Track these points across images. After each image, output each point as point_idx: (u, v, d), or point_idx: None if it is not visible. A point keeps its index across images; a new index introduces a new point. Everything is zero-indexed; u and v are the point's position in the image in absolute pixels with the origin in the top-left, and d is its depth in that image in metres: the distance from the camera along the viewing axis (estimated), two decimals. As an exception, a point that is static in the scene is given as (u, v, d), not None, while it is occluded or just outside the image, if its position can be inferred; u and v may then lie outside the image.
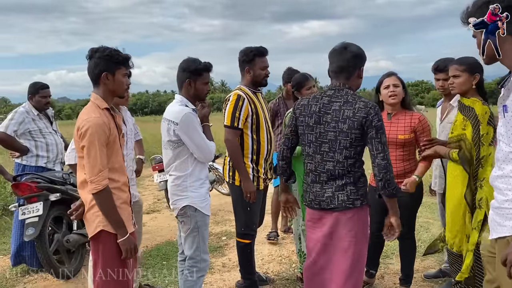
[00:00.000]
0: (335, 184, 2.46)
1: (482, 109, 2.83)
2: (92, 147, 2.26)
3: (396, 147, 3.23)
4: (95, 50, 2.38)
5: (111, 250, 2.38)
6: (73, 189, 4.17)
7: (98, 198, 2.30)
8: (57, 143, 4.41)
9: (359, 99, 2.42)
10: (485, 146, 2.79)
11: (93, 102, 2.40)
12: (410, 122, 3.22)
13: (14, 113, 4.24)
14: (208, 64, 2.92)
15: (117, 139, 2.42)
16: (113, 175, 2.38)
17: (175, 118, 2.81)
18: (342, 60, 2.48)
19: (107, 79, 2.38)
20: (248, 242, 3.46)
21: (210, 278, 3.96)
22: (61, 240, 4.10)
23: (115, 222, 2.35)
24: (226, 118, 3.32)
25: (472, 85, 2.93)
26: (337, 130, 2.40)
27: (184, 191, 2.86)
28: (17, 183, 3.97)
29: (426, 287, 3.66)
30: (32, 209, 3.91)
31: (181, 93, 2.94)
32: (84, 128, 2.28)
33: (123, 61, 2.41)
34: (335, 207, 2.46)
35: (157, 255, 4.66)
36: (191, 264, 2.93)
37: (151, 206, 7.20)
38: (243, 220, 3.40)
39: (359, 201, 2.46)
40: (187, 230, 2.91)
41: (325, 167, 2.47)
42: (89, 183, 2.29)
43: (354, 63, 2.48)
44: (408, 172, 3.23)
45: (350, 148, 2.41)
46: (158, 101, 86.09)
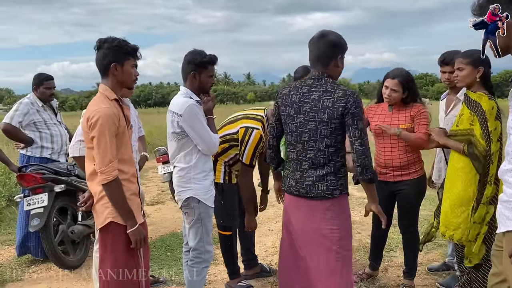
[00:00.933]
0: (316, 173, 2.47)
1: (489, 104, 2.81)
2: (102, 137, 2.25)
3: (398, 138, 3.23)
4: (103, 41, 2.36)
5: (120, 242, 2.37)
6: (77, 180, 4.19)
7: (108, 189, 2.29)
8: (62, 134, 4.42)
9: (338, 88, 2.41)
10: (494, 142, 2.77)
11: (102, 93, 2.38)
12: (410, 111, 3.26)
13: (19, 104, 4.24)
14: (213, 57, 2.91)
15: (126, 130, 2.41)
16: (122, 166, 2.37)
17: (179, 110, 2.81)
18: (318, 49, 2.46)
19: (116, 70, 2.36)
20: (229, 234, 3.47)
21: (214, 269, 3.98)
22: (66, 231, 4.13)
23: (125, 213, 2.34)
24: (245, 157, 3.23)
25: (476, 78, 2.90)
26: (317, 119, 2.41)
27: (188, 183, 2.87)
28: (22, 174, 3.98)
29: (430, 280, 3.66)
30: (37, 200, 3.93)
31: (186, 85, 2.94)
32: (94, 119, 2.26)
33: (132, 51, 2.40)
34: (314, 196, 2.48)
35: (161, 247, 4.68)
36: (195, 255, 2.94)
37: (155, 197, 7.23)
38: (219, 212, 3.35)
39: (338, 191, 2.47)
40: (191, 221, 2.92)
41: (306, 156, 2.49)
42: (99, 173, 2.27)
43: (331, 52, 2.45)
44: (412, 163, 3.23)
45: (330, 137, 2.42)
46: (161, 93, 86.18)
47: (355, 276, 3.64)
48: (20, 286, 3.84)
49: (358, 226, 5.14)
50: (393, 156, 3.27)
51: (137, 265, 2.44)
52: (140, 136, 3.98)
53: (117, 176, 2.29)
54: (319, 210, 2.50)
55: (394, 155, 3.26)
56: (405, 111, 3.27)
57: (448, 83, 3.48)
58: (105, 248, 2.40)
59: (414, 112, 3.24)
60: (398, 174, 3.27)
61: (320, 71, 2.46)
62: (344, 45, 2.50)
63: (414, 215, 3.37)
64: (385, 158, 3.31)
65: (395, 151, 3.26)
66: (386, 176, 3.32)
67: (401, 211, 3.38)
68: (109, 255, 2.38)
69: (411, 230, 3.39)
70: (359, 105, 2.38)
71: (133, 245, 2.37)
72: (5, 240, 5.07)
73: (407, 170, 3.24)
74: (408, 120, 3.24)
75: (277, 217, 5.72)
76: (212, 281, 3.77)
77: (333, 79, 2.47)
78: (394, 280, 3.66)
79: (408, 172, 3.26)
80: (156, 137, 12.39)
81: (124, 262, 2.38)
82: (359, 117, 2.37)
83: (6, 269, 4.19)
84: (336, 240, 2.49)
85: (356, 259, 4.09)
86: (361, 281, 3.60)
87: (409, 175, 3.26)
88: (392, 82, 3.24)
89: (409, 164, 3.24)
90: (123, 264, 2.37)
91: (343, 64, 2.53)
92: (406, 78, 3.24)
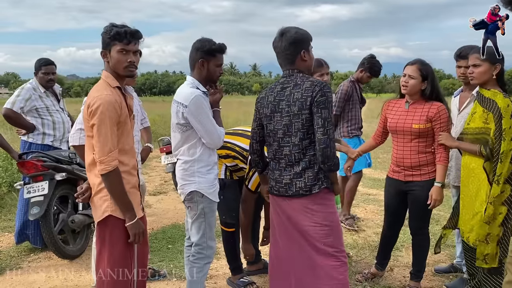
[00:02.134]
0: (293, 170, 2.50)
1: (504, 102, 2.73)
2: (103, 125, 2.15)
3: (411, 138, 3.11)
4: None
5: (118, 237, 2.28)
6: (79, 168, 4.12)
7: (107, 179, 2.20)
8: (64, 122, 4.34)
9: (307, 80, 2.47)
10: (507, 141, 2.68)
11: (104, 80, 2.30)
12: (427, 111, 3.05)
13: (21, 90, 4.16)
14: (222, 45, 2.80)
15: (128, 119, 2.32)
16: (123, 157, 2.27)
17: (184, 100, 2.70)
18: (280, 49, 2.53)
19: (105, 57, 2.28)
20: (232, 231, 3.39)
21: (216, 264, 3.90)
22: (66, 220, 4.06)
23: (124, 205, 2.25)
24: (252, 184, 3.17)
25: (493, 75, 2.81)
26: (291, 113, 2.46)
27: (192, 176, 2.77)
28: (22, 161, 3.91)
29: (437, 282, 3.57)
30: (37, 188, 3.86)
31: (193, 74, 2.83)
32: (95, 106, 2.16)
33: (116, 35, 2.22)
34: (292, 194, 2.51)
35: (163, 238, 4.61)
36: (197, 250, 2.86)
37: (157, 188, 7.16)
38: (221, 208, 3.27)
39: (316, 186, 2.47)
40: (194, 215, 2.83)
41: (282, 153, 2.53)
42: (98, 163, 2.18)
43: (294, 50, 2.50)
44: (423, 165, 3.10)
45: (302, 130, 2.44)
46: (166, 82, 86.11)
47: (359, 275, 3.56)
48: (18, 274, 3.78)
49: (363, 223, 5.06)
50: (404, 155, 3.15)
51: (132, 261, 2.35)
52: (146, 127, 3.89)
53: (117, 166, 2.20)
54: (299, 208, 2.51)
55: (406, 154, 3.14)
56: (423, 109, 3.08)
57: (463, 78, 3.37)
58: (103, 242, 2.31)
59: (432, 112, 3.03)
60: (409, 174, 3.16)
61: (290, 69, 2.53)
62: (305, 38, 2.53)
63: (424, 217, 3.24)
64: (397, 156, 3.20)
65: (407, 150, 3.14)
66: (398, 174, 3.22)
67: (411, 212, 3.27)
68: (106, 249, 2.29)
69: (421, 232, 3.27)
70: (325, 94, 2.39)
71: (131, 239, 2.29)
72: (5, 226, 5.02)
73: (419, 171, 3.11)
74: (424, 120, 3.04)
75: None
76: (213, 276, 3.69)
77: (303, 74, 2.52)
78: (400, 280, 3.57)
79: (420, 173, 3.12)
80: (160, 126, 12.31)
81: (121, 257, 2.29)
82: (324, 106, 2.38)
83: (6, 257, 4.15)
84: (320, 237, 2.48)
85: (361, 257, 4.00)
86: (365, 280, 3.51)
87: (420, 176, 3.12)
88: (410, 68, 3.10)
89: (421, 166, 3.10)
90: (120, 259, 2.29)
91: (310, 56, 2.57)
92: (426, 66, 3.09)
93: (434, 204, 3.03)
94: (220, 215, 3.36)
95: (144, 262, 2.51)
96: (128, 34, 2.24)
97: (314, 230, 2.48)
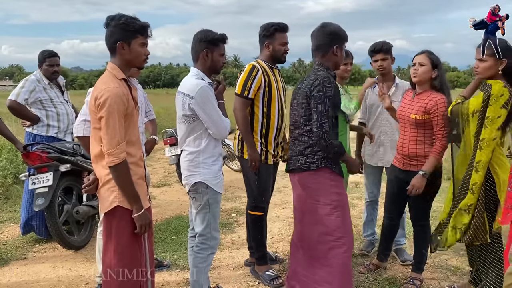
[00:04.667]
0: (297, 148, 2.80)
1: (499, 90, 2.66)
2: (111, 118, 2.16)
3: (409, 127, 3.12)
4: (111, 18, 2.27)
5: (125, 227, 2.30)
6: (83, 160, 4.14)
7: (115, 171, 2.21)
8: (68, 113, 4.36)
9: (315, 73, 2.71)
10: (489, 129, 2.66)
11: (110, 72, 2.29)
12: (427, 103, 3.02)
13: (25, 81, 4.17)
14: (224, 35, 2.86)
15: (134, 111, 2.33)
16: (130, 149, 2.28)
17: (190, 92, 2.72)
18: (317, 38, 2.77)
19: (123, 49, 2.27)
20: (260, 215, 3.41)
21: (219, 255, 3.92)
22: (70, 211, 4.09)
23: (132, 197, 2.27)
24: (237, 86, 3.26)
25: (498, 70, 2.74)
26: (299, 102, 2.76)
27: (197, 167, 2.79)
28: (27, 153, 3.93)
29: (439, 273, 3.57)
30: (42, 179, 3.89)
31: (197, 65, 2.85)
32: (102, 98, 2.17)
33: (140, 29, 2.27)
34: (294, 169, 2.82)
35: (167, 230, 4.64)
36: (201, 241, 2.88)
37: (161, 179, 7.19)
38: (252, 193, 3.35)
39: (314, 165, 2.71)
40: (198, 206, 2.85)
41: (293, 134, 2.85)
42: (107, 155, 2.19)
43: (329, 40, 2.73)
44: (421, 156, 3.09)
45: (304, 116, 2.72)
46: (170, 74, 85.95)
47: (362, 267, 3.58)
48: (24, 264, 3.82)
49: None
50: (403, 144, 3.16)
51: (140, 250, 2.37)
52: (151, 119, 3.90)
53: (125, 158, 2.22)
54: (302, 184, 2.78)
55: (405, 143, 3.15)
56: (424, 100, 3.04)
57: (381, 70, 3.61)
58: (110, 233, 2.33)
59: (430, 104, 3.00)
60: (407, 163, 3.16)
61: (317, 61, 2.78)
62: (343, 36, 2.77)
63: (422, 209, 3.23)
64: (398, 144, 3.24)
65: (406, 139, 3.14)
66: (399, 162, 3.24)
67: (410, 202, 3.28)
68: (113, 240, 2.31)
69: (420, 223, 3.27)
70: (322, 89, 2.60)
71: (137, 230, 2.30)
72: (10, 217, 5.06)
73: (416, 162, 3.10)
74: (421, 111, 3.01)
75: (284, 203, 5.66)
76: (216, 267, 3.72)
77: (325, 69, 2.73)
78: (402, 272, 3.58)
79: (416, 164, 3.10)
80: (164, 119, 12.33)
81: (128, 247, 2.31)
82: (320, 101, 2.60)
83: (12, 248, 4.18)
84: (323, 215, 2.70)
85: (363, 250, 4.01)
86: (368, 272, 3.53)
87: (417, 166, 3.09)
88: (419, 57, 3.09)
89: (418, 156, 3.10)
90: (127, 249, 2.31)
91: (342, 54, 2.79)
92: (435, 56, 3.08)
93: (411, 190, 3.02)
94: (249, 199, 3.43)
95: (152, 252, 2.53)
96: (149, 28, 2.31)
97: (313, 207, 2.73)
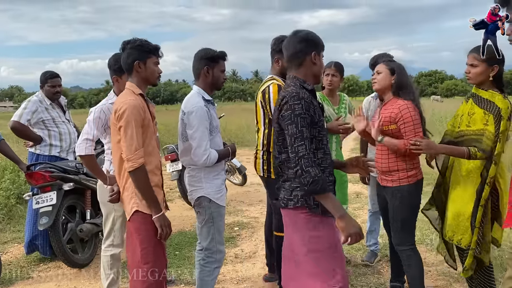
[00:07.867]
0: (279, 180, 2.35)
1: (504, 104, 2.67)
2: (129, 126, 2.39)
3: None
4: (127, 42, 2.55)
5: (147, 230, 2.49)
6: (86, 178, 4.18)
7: (134, 175, 2.41)
8: (70, 132, 4.42)
9: (285, 89, 2.23)
10: (501, 143, 2.65)
11: (128, 89, 2.54)
12: (391, 112, 2.82)
13: (28, 102, 4.24)
14: (224, 52, 2.98)
15: (151, 123, 2.54)
16: (147, 158, 2.47)
17: (185, 109, 2.83)
18: (290, 47, 2.28)
19: (140, 68, 2.53)
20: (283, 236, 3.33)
21: (222, 269, 3.94)
22: (74, 229, 4.12)
23: (150, 200, 2.45)
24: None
25: (489, 77, 2.75)
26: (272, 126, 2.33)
27: (199, 182, 2.85)
28: (31, 173, 3.98)
29: (442, 281, 3.58)
30: (46, 198, 3.93)
31: (198, 83, 2.94)
32: (121, 110, 2.40)
33: (153, 50, 2.57)
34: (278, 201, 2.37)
35: (170, 245, 4.66)
36: (207, 255, 2.92)
37: (163, 195, 7.20)
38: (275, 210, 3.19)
39: (291, 202, 2.23)
40: (202, 221, 2.90)
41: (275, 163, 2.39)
42: (126, 161, 2.40)
43: (304, 47, 2.25)
44: (394, 171, 2.86)
45: (278, 143, 2.25)
46: (169, 90, 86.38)
47: None
48: (29, 284, 3.84)
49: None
50: (377, 159, 2.96)
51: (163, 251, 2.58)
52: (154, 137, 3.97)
53: (143, 163, 2.41)
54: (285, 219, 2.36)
55: (377, 158, 2.96)
56: (388, 109, 2.86)
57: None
58: (137, 236, 2.51)
59: (394, 113, 2.80)
60: (384, 178, 2.95)
61: (292, 74, 2.30)
62: (317, 41, 2.31)
63: (401, 231, 2.89)
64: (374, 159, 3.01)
65: (379, 154, 2.96)
66: (379, 178, 3.03)
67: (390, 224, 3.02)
68: (139, 242, 2.49)
69: (401, 249, 2.91)
70: (291, 107, 2.11)
71: (159, 230, 2.47)
72: (14, 237, 5.08)
73: (390, 176, 2.89)
74: (387, 121, 2.82)
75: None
76: (220, 281, 3.74)
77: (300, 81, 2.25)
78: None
79: (391, 179, 2.88)
80: (164, 135, 12.40)
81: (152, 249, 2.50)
82: (290, 121, 2.11)
83: (16, 267, 4.20)
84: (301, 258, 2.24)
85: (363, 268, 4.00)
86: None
87: (391, 182, 2.88)
88: (377, 66, 2.97)
89: (391, 171, 2.87)
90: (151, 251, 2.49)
91: (321, 62, 2.34)
92: (395, 62, 2.95)
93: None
94: (275, 220, 3.27)
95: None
96: (160, 49, 2.63)
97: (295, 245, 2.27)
